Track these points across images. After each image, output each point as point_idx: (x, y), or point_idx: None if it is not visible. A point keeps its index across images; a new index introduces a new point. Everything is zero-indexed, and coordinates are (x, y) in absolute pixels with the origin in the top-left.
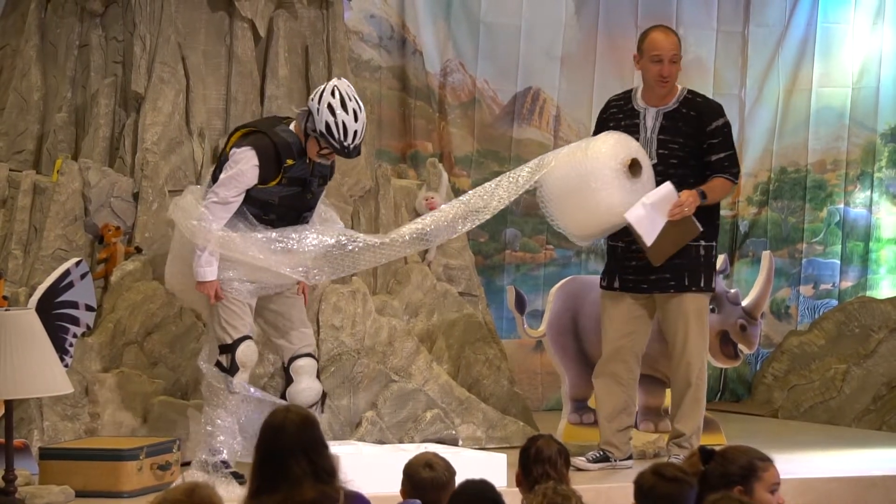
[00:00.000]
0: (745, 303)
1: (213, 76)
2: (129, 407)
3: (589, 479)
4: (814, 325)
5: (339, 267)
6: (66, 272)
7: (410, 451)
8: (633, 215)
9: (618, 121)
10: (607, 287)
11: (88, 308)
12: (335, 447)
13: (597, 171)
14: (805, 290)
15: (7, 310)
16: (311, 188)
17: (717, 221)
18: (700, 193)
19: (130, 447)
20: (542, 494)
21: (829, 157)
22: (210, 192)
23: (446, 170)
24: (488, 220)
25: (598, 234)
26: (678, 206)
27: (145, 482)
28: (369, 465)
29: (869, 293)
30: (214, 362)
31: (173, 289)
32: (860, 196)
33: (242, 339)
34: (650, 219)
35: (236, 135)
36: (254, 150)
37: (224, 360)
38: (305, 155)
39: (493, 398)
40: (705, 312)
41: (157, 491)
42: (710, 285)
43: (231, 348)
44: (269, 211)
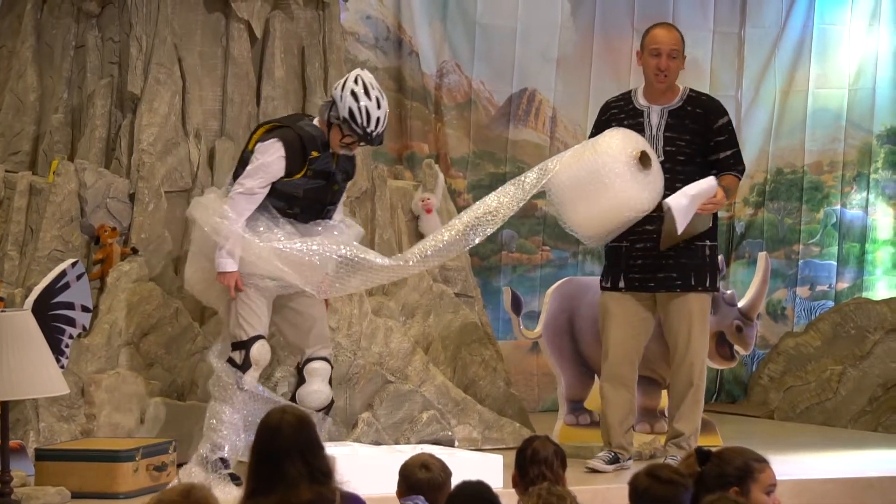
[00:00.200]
0: (741, 304)
1: (209, 77)
2: (125, 408)
3: (587, 480)
4: (810, 326)
5: (352, 285)
6: (63, 273)
7: (406, 452)
8: (676, 202)
9: (620, 121)
10: (612, 288)
11: (84, 309)
12: (331, 448)
13: (609, 165)
14: (801, 291)
15: (3, 311)
16: (335, 181)
17: (717, 222)
18: (725, 191)
19: (126, 448)
20: (537, 495)
21: (826, 158)
22: (236, 184)
23: (442, 171)
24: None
25: (613, 230)
26: (713, 202)
27: (141, 483)
28: (365, 466)
29: (865, 294)
30: (226, 358)
31: (193, 288)
32: (856, 197)
33: (257, 338)
34: (688, 209)
35: (259, 131)
36: (281, 142)
37: (237, 356)
38: (329, 148)
39: (490, 399)
40: (708, 313)
41: (153, 492)
42: (714, 285)
43: (246, 345)
44: (294, 204)
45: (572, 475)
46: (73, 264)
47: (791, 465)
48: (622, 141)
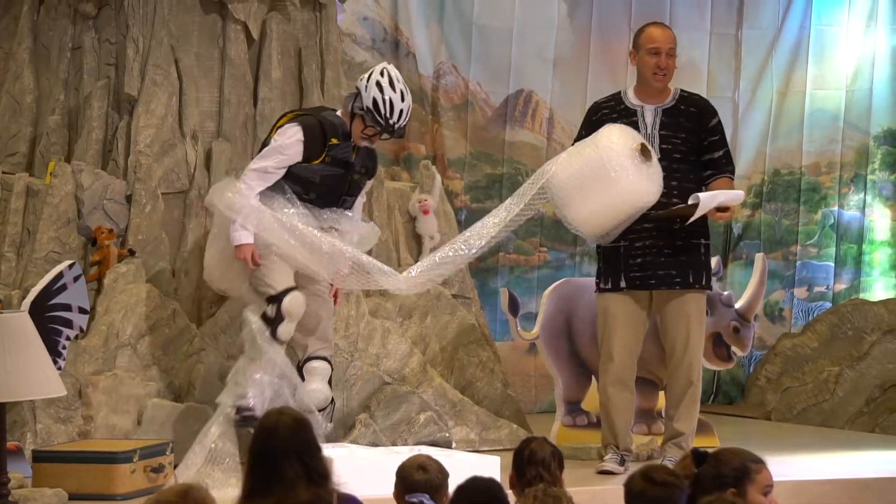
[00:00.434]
0: (738, 305)
1: (206, 79)
2: (122, 409)
3: (584, 482)
4: (807, 327)
5: (363, 283)
6: (60, 275)
7: (404, 453)
8: (704, 200)
9: (613, 121)
10: (612, 289)
11: (82, 310)
12: (328, 449)
13: (614, 160)
14: (799, 292)
15: (0, 312)
16: (353, 170)
17: (707, 219)
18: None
19: (124, 450)
20: (533, 497)
21: (824, 159)
22: (251, 162)
23: (439, 172)
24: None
25: (618, 225)
26: (723, 216)
27: (138, 485)
28: (362, 468)
29: (862, 295)
30: (261, 314)
31: (213, 275)
32: (854, 198)
33: (289, 290)
34: (709, 207)
35: (281, 120)
36: (300, 126)
37: (270, 309)
38: (350, 138)
39: (487, 400)
40: (704, 311)
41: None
42: (709, 283)
43: (278, 298)
44: (311, 189)
45: (569, 476)
46: (70, 266)
47: (788, 467)
48: (622, 136)
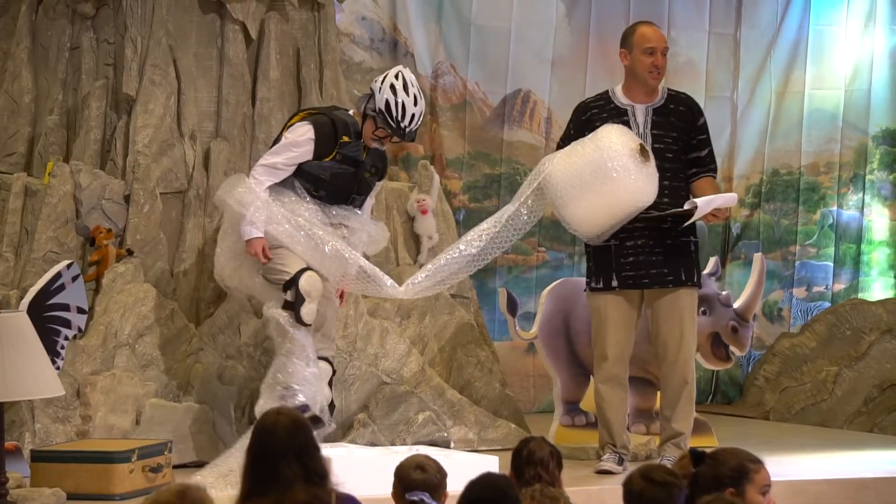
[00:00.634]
0: (736, 305)
1: (204, 78)
2: (120, 409)
3: (583, 481)
4: (805, 327)
5: (368, 290)
6: (58, 274)
7: (402, 453)
8: (701, 205)
9: (603, 120)
10: (604, 288)
11: (80, 310)
12: (326, 449)
13: (615, 159)
14: (798, 292)
15: None
16: (364, 169)
17: None
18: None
19: (122, 449)
20: (531, 497)
21: (823, 159)
22: (261, 158)
23: (438, 172)
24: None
25: (615, 224)
26: (717, 217)
27: (137, 484)
28: (361, 468)
29: (861, 295)
30: (281, 305)
31: (223, 273)
32: (853, 198)
33: (302, 271)
34: (704, 212)
35: (294, 119)
36: (311, 124)
37: (289, 294)
38: (361, 137)
39: (485, 400)
40: (696, 308)
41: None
42: (700, 280)
43: (293, 281)
44: (320, 186)
45: (568, 476)
46: (69, 266)
47: (786, 466)
48: (621, 136)
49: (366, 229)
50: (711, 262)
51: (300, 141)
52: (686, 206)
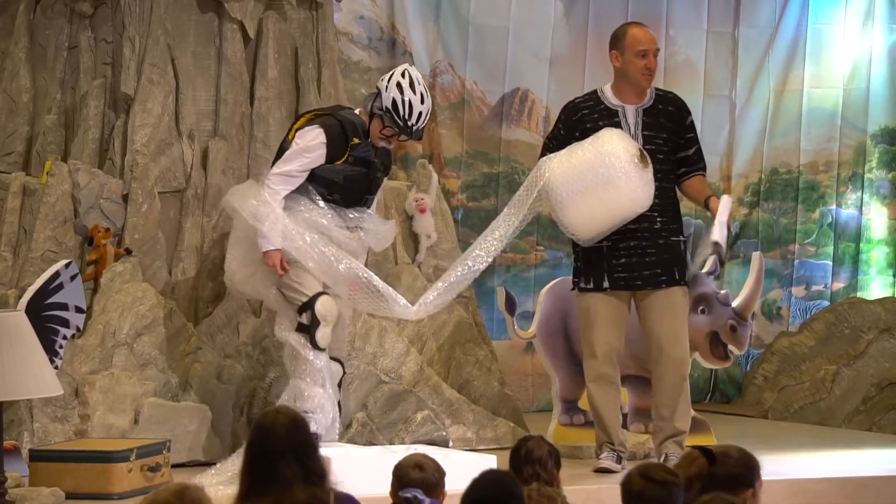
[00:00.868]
0: (735, 304)
1: (202, 78)
2: (119, 409)
3: (581, 480)
4: (804, 326)
5: (376, 308)
6: (56, 274)
7: (400, 452)
8: (721, 235)
9: (594, 121)
10: (594, 288)
11: (78, 310)
12: (324, 449)
13: (617, 166)
14: (797, 291)
15: None
16: (376, 169)
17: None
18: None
19: (120, 449)
20: (528, 496)
21: (822, 158)
22: (274, 167)
23: (436, 171)
24: (478, 221)
25: (612, 228)
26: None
27: (135, 484)
28: (359, 467)
29: (860, 294)
30: (295, 327)
31: (234, 279)
32: (851, 197)
33: (319, 294)
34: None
35: (300, 121)
36: (322, 128)
37: (305, 317)
38: (369, 137)
39: (484, 399)
40: (688, 307)
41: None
42: (687, 278)
43: (309, 304)
44: (334, 190)
45: (566, 475)
46: (67, 265)
47: (785, 465)
48: (622, 141)
49: (378, 228)
50: (710, 261)
51: (312, 146)
52: (712, 251)
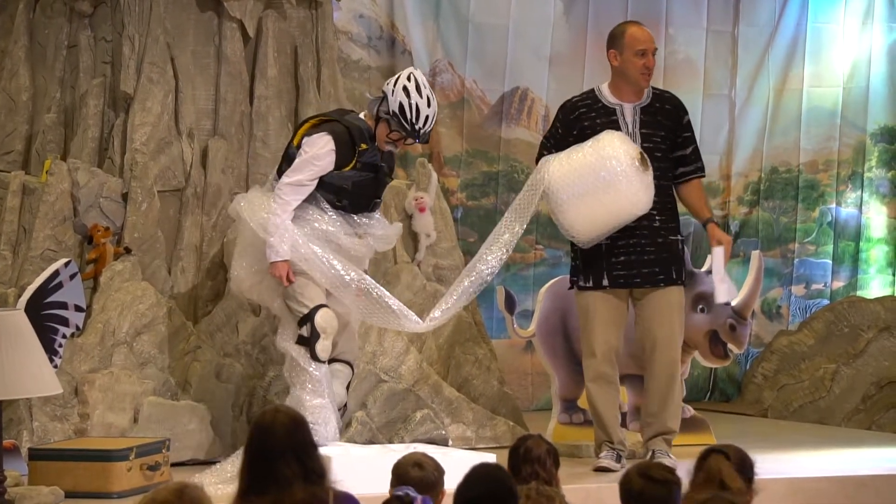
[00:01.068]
0: (734, 302)
1: (201, 76)
2: (118, 407)
3: (580, 479)
4: (803, 324)
5: (384, 320)
6: (56, 273)
7: (399, 451)
8: (729, 292)
9: (592, 120)
10: (594, 286)
11: (78, 308)
12: (324, 448)
13: (616, 168)
14: (797, 289)
15: None
16: (384, 173)
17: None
18: (713, 220)
19: (120, 448)
20: (526, 495)
21: (821, 157)
22: (283, 177)
23: (436, 170)
24: (477, 220)
25: (611, 230)
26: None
27: (135, 483)
28: (359, 466)
29: (859, 293)
30: (296, 340)
31: (241, 286)
32: (851, 196)
33: (319, 307)
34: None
35: (305, 126)
36: (330, 136)
37: (305, 330)
38: (375, 141)
39: (483, 398)
40: (684, 306)
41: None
42: (685, 278)
43: (310, 317)
44: (343, 196)
45: (565, 474)
46: (66, 264)
47: (785, 464)
48: (623, 144)
49: (386, 233)
50: (709, 261)
51: (321, 154)
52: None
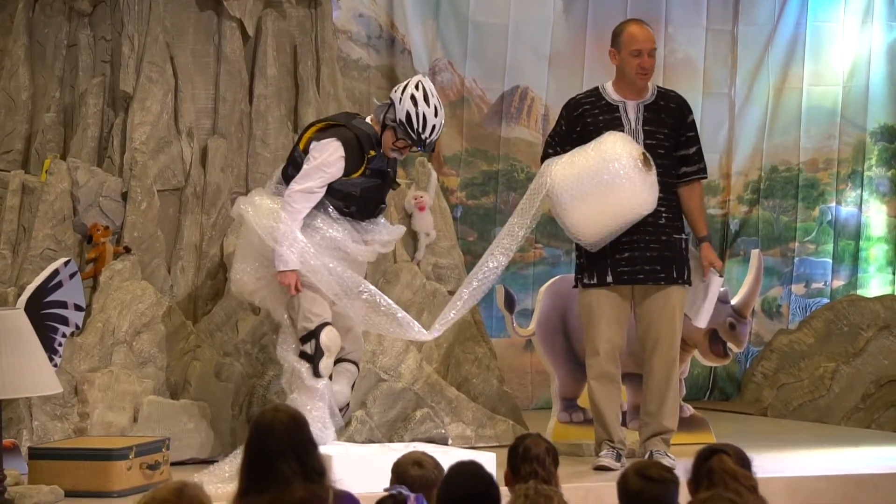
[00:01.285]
0: (734, 301)
1: (201, 76)
2: (118, 406)
3: (580, 478)
4: (803, 323)
5: (384, 328)
6: (55, 272)
7: (399, 450)
8: (704, 318)
9: (595, 117)
10: (598, 283)
11: (77, 308)
12: (323, 447)
13: (620, 170)
14: (797, 288)
15: None
16: (391, 179)
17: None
18: (708, 239)
19: (120, 447)
20: (524, 495)
21: (821, 155)
22: (292, 183)
23: (435, 169)
24: (477, 219)
25: (615, 231)
26: (715, 269)
27: (134, 482)
28: (358, 465)
29: (859, 292)
30: (298, 353)
31: (244, 289)
32: (851, 195)
33: (325, 325)
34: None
35: (312, 129)
36: (339, 142)
37: (308, 347)
38: (381, 147)
39: (483, 397)
40: (684, 306)
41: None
42: (689, 278)
43: (315, 334)
44: (351, 203)
45: (565, 472)
46: (66, 263)
47: (784, 463)
48: (625, 145)
49: (391, 237)
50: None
51: (331, 161)
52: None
